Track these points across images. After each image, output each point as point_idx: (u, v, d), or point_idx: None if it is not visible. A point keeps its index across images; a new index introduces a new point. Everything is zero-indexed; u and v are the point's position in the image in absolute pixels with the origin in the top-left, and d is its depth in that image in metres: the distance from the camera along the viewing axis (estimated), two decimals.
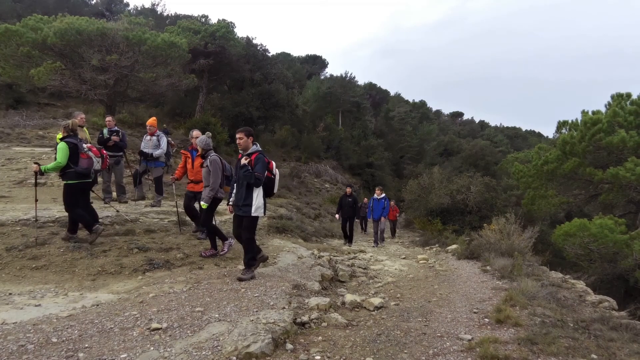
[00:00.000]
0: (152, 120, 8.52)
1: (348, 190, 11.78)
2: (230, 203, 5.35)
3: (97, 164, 5.89)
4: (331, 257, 7.54)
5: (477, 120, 73.00)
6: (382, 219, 11.81)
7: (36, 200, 6.18)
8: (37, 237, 5.77)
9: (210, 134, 6.39)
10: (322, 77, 44.88)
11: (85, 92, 15.19)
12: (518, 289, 5.40)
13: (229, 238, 6.43)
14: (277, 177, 5.49)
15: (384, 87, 54.36)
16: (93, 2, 35.74)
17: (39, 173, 5.58)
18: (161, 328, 3.56)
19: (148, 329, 3.54)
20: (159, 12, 31.76)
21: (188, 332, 3.54)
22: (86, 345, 3.22)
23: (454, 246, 10.41)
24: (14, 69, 14.80)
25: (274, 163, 5.46)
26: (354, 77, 40.50)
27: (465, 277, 6.85)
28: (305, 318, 4.12)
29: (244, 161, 5.09)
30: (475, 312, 4.71)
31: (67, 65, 14.56)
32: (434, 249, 11.34)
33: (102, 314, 3.88)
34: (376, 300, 4.97)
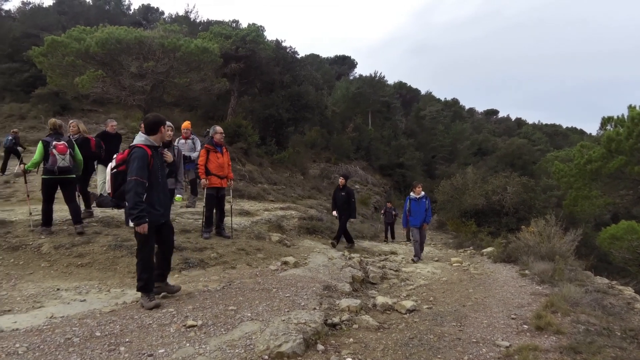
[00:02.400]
0: (186, 124, 8.76)
1: (341, 181, 9.66)
2: None
3: (61, 162, 6.18)
4: (362, 258, 7.52)
5: (513, 118, 70.59)
6: (425, 225, 8.80)
7: (28, 197, 6.89)
8: (32, 227, 6.32)
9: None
10: (351, 78, 44.78)
11: (125, 98, 15.85)
12: (560, 294, 5.17)
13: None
14: None
15: (414, 85, 53.59)
16: (131, 12, 37.24)
17: (25, 171, 6.36)
18: (196, 325, 3.66)
19: (184, 325, 3.65)
20: (192, 19, 32.64)
21: (222, 330, 3.62)
22: (127, 339, 3.35)
23: (489, 249, 10.12)
24: (60, 77, 15.66)
25: None
26: (384, 77, 40.14)
27: (502, 281, 6.64)
28: (336, 319, 4.12)
29: None
30: (513, 318, 4.56)
31: (108, 73, 15.24)
32: (468, 251, 11.05)
33: (142, 310, 4.03)
34: (408, 303, 4.90)
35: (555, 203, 19.04)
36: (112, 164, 4.19)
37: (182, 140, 8.59)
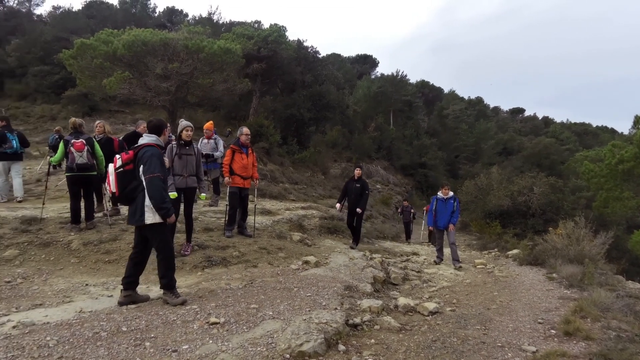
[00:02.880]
0: (209, 124, 8.89)
1: (357, 172, 8.79)
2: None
3: (78, 159, 6.39)
4: (383, 259, 7.46)
5: (540, 117, 68.64)
6: (451, 226, 8.33)
7: (46, 188, 7.63)
8: (40, 222, 6.63)
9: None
10: (373, 77, 44.46)
11: (150, 99, 16.21)
12: (589, 299, 5.00)
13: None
14: None
15: (437, 84, 52.70)
16: (156, 15, 38.01)
17: (50, 164, 7.01)
18: (219, 323, 3.70)
19: (207, 322, 3.70)
20: (215, 21, 33.09)
21: (244, 327, 3.65)
22: (152, 335, 3.43)
23: (515, 251, 9.89)
24: (89, 79, 16.14)
25: None
26: (405, 75, 39.69)
27: (528, 284, 6.47)
28: (357, 320, 4.10)
29: None
30: (540, 323, 4.44)
31: (134, 75, 15.61)
32: (493, 253, 10.83)
33: (166, 307, 4.11)
34: (431, 305, 4.84)
35: (584, 204, 18.40)
36: (118, 163, 4.14)
37: (205, 140, 8.72)
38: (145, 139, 4.24)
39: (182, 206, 5.99)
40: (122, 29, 16.42)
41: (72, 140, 6.45)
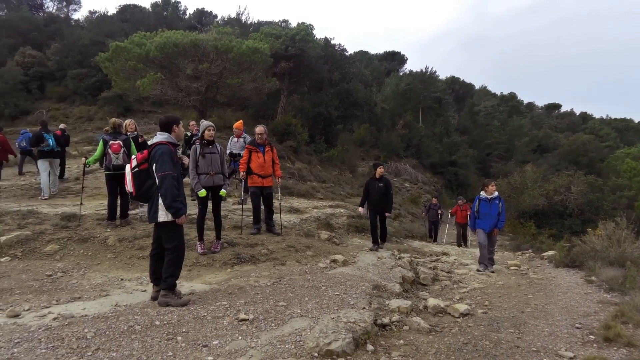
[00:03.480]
0: (238, 124, 9.01)
1: (379, 170, 8.15)
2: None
3: (115, 160, 6.76)
4: (412, 258, 7.35)
5: (577, 112, 65.83)
6: (496, 231, 7.56)
7: (83, 187, 7.98)
8: (79, 218, 6.97)
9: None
10: (401, 74, 43.87)
11: (181, 99, 16.61)
12: (631, 303, 4.75)
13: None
14: None
15: (467, 80, 51.43)
16: (186, 17, 38.91)
17: (85, 165, 7.28)
18: (248, 319, 3.75)
19: (236, 319, 3.75)
20: (243, 21, 33.57)
21: (272, 325, 3.68)
22: (183, 329, 3.51)
23: (550, 252, 9.52)
24: (123, 81, 16.72)
25: None
26: (435, 72, 38.92)
27: (565, 287, 6.22)
28: (386, 320, 4.05)
29: None
30: (577, 327, 4.25)
31: (166, 76, 16.04)
32: (527, 254, 10.47)
33: (197, 302, 4.20)
34: (462, 307, 4.72)
35: (625, 204, 17.57)
36: (134, 163, 4.19)
37: (235, 139, 8.85)
38: (157, 137, 4.24)
39: (210, 204, 6.11)
40: (154, 32, 16.90)
41: (110, 142, 6.75)
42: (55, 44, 28.27)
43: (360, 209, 8.34)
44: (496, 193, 7.62)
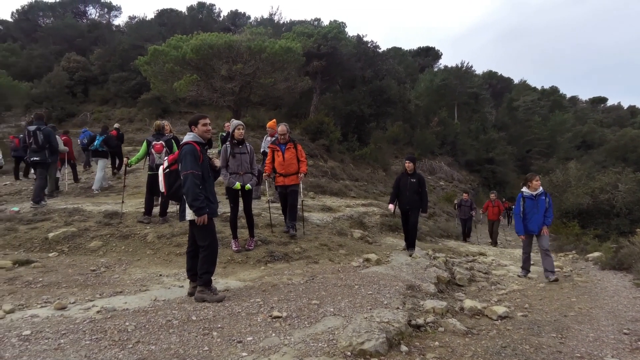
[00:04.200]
0: (272, 123, 9.10)
1: (409, 165, 7.35)
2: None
3: (157, 159, 7.08)
4: (447, 258, 7.19)
5: (625, 106, 62.22)
6: (545, 229, 6.65)
7: (124, 186, 8.43)
8: (121, 216, 7.26)
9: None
10: (436, 69, 42.99)
11: (216, 99, 17.00)
12: None
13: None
14: None
15: (505, 74, 49.85)
16: (220, 19, 39.76)
17: (127, 165, 7.59)
18: (281, 317, 3.77)
19: (270, 316, 3.79)
20: (276, 21, 33.90)
21: (305, 322, 3.69)
22: (219, 325, 3.58)
23: (596, 254, 9.06)
24: (161, 83, 17.30)
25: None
26: (471, 67, 37.83)
27: (611, 290, 5.89)
28: (420, 321, 3.97)
29: None
30: (625, 333, 4.00)
31: (201, 77, 16.46)
32: (570, 255, 10.00)
33: (232, 299, 4.27)
34: (500, 309, 4.56)
35: None
36: (165, 164, 4.33)
37: (269, 138, 8.95)
38: (186, 137, 4.36)
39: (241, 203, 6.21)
40: (190, 34, 17.36)
41: (153, 142, 7.06)
42: (97, 49, 29.69)
43: (391, 205, 7.56)
44: (541, 188, 6.77)
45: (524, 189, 6.78)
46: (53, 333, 3.31)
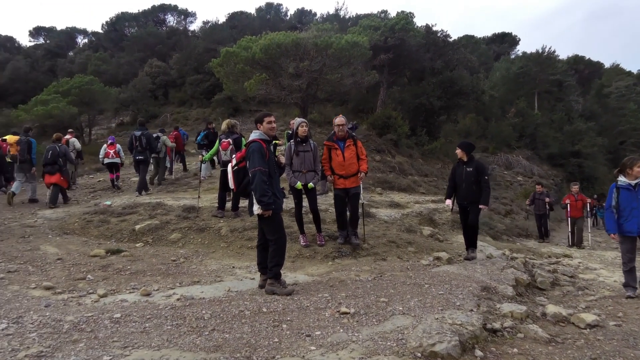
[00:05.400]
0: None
1: (460, 153, 6.35)
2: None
3: (223, 156, 7.39)
4: (527, 259, 6.69)
5: None
6: None
7: (200, 181, 9.44)
8: (197, 210, 7.73)
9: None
10: (513, 57, 40.20)
11: (284, 97, 17.41)
12: None
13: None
14: None
15: (594, 58, 45.10)
16: (287, 18, 40.64)
17: (202, 161, 8.54)
18: (349, 313, 3.76)
19: (338, 311, 3.79)
20: (342, 16, 33.89)
21: (373, 320, 3.64)
22: (288, 318, 3.65)
23: None
24: (232, 83, 18.11)
25: None
26: (554, 51, 34.72)
27: None
28: (497, 325, 3.73)
29: None
30: None
31: (270, 76, 16.95)
32: None
33: (300, 293, 4.35)
34: (589, 317, 4.13)
35: None
36: (234, 162, 4.58)
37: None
38: (252, 135, 4.50)
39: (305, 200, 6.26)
40: (259, 35, 17.94)
41: (222, 140, 7.45)
42: (176, 54, 31.87)
43: (448, 201, 6.53)
44: None
45: (620, 178, 5.31)
46: (139, 317, 3.60)
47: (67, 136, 11.26)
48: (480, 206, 6.08)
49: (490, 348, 3.38)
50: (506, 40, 46.54)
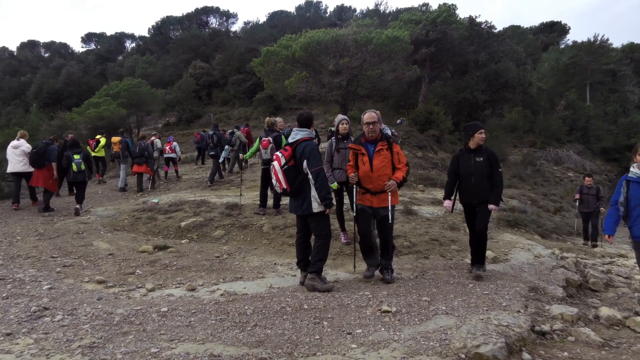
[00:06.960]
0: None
1: (478, 137, 5.04)
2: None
3: (264, 154, 7.47)
4: (578, 259, 6.35)
5: None
6: None
7: (241, 180, 9.71)
8: (240, 208, 7.88)
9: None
10: (562, 46, 38.01)
11: (324, 94, 17.44)
12: None
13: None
14: None
15: None
16: (327, 15, 40.63)
17: (243, 160, 8.95)
18: (391, 311, 3.74)
19: (379, 310, 3.78)
20: (382, 11, 33.46)
21: (415, 319, 3.60)
22: (329, 315, 3.69)
23: None
24: (273, 82, 18.37)
25: None
26: (607, 40, 32.40)
27: None
28: (545, 327, 3.59)
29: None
30: None
31: (310, 73, 17.04)
32: None
33: (341, 290, 4.38)
34: None
35: None
36: (282, 161, 4.34)
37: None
38: (299, 133, 4.46)
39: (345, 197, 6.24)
40: (298, 33, 18.06)
41: (262, 138, 7.59)
42: (218, 55, 32.71)
43: (447, 202, 5.14)
44: None
45: (633, 168, 4.34)
46: (185, 311, 3.76)
47: (152, 137, 13.16)
48: (490, 206, 4.79)
49: (539, 351, 3.26)
50: (555, 29, 44.09)
